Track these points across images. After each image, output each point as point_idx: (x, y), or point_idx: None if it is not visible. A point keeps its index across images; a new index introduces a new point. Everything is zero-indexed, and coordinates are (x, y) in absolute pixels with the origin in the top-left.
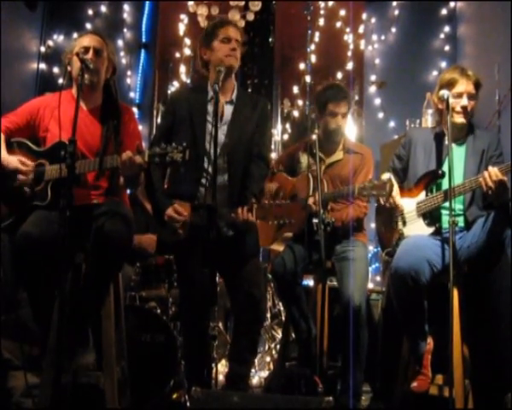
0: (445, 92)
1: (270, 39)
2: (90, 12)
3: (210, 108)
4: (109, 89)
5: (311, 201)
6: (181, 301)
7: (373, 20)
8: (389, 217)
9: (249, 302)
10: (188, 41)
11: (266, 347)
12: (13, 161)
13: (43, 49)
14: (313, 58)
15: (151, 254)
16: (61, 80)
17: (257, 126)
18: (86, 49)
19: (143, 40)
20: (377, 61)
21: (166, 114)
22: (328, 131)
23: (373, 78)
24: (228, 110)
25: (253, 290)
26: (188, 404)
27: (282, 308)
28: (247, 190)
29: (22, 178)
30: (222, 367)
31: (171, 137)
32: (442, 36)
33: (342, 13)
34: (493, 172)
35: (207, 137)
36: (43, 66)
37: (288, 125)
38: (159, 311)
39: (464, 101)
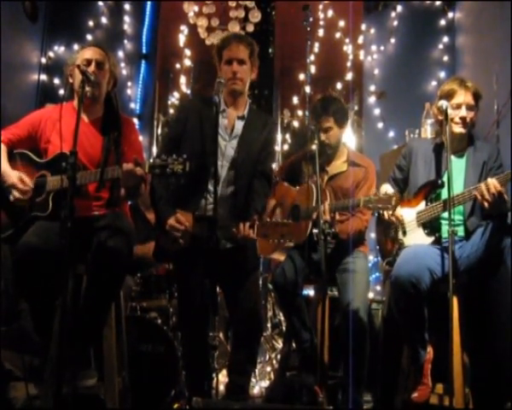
0: (443, 103)
1: (270, 50)
2: (91, 23)
3: (221, 120)
4: (110, 101)
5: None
6: (179, 311)
7: (372, 31)
8: (389, 227)
9: (247, 316)
10: (188, 52)
11: (267, 357)
12: (13, 176)
13: (43, 60)
14: (313, 69)
15: (154, 262)
16: (61, 91)
17: (264, 145)
18: (88, 62)
19: (144, 51)
20: (376, 71)
21: (177, 121)
22: (319, 144)
23: (372, 88)
24: (239, 125)
25: (251, 304)
26: None
27: (282, 318)
28: (251, 206)
29: (18, 196)
30: (223, 377)
31: (179, 145)
32: (441, 46)
33: (341, 24)
34: (492, 185)
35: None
36: (43, 77)
37: (287, 136)
38: (159, 321)
39: (463, 112)
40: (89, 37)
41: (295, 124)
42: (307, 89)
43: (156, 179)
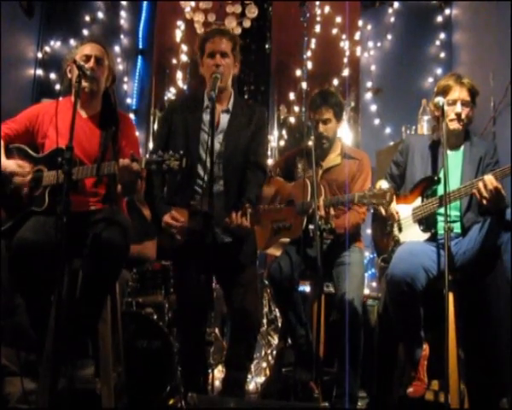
0: (440, 99)
1: (267, 46)
2: (87, 18)
3: (205, 116)
4: (108, 97)
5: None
6: (177, 306)
7: (369, 27)
8: (385, 223)
9: (245, 309)
10: (184, 47)
11: (263, 352)
12: (10, 164)
13: (40, 55)
14: (309, 65)
15: (152, 260)
16: (58, 86)
17: (253, 135)
18: (87, 58)
19: (140, 46)
20: (373, 67)
21: (163, 121)
22: (315, 137)
23: (369, 84)
24: (224, 119)
25: (248, 298)
26: None
27: (278, 314)
28: (244, 197)
29: (19, 180)
30: (218, 373)
31: (168, 145)
32: (437, 43)
33: (338, 20)
34: (489, 181)
35: (202, 145)
36: (40, 72)
37: (284, 132)
38: (155, 317)
39: (458, 108)
40: (85, 32)
41: (292, 120)
42: (304, 85)
43: (152, 176)
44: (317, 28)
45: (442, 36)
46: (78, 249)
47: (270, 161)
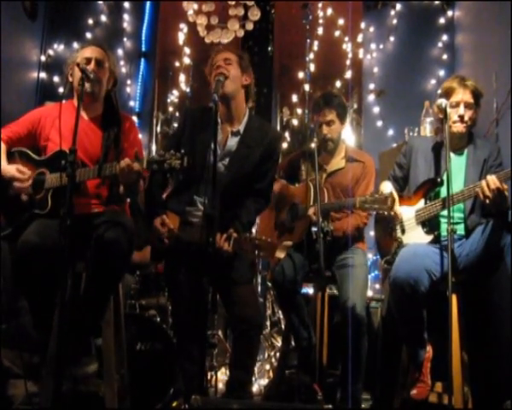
0: (442, 101)
1: (269, 48)
2: (91, 21)
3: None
4: (110, 99)
5: (311, 211)
6: (171, 312)
7: (371, 29)
8: (388, 225)
9: (245, 315)
10: (187, 50)
11: (266, 355)
12: (11, 169)
13: (43, 58)
14: (312, 67)
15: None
16: (61, 89)
17: (262, 160)
18: (88, 60)
19: (143, 49)
20: (376, 69)
21: (177, 128)
22: (319, 140)
23: (371, 86)
24: (232, 141)
25: (248, 302)
26: None
27: (281, 316)
28: (237, 219)
29: (18, 186)
30: (222, 375)
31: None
32: (440, 45)
33: (341, 22)
34: (492, 181)
35: (207, 165)
36: (43, 75)
37: (287, 134)
38: (158, 319)
39: (461, 110)
40: (88, 35)
41: (294, 122)
42: (306, 87)
43: (154, 177)
44: (320, 30)
45: (444, 38)
46: (82, 252)
47: None
